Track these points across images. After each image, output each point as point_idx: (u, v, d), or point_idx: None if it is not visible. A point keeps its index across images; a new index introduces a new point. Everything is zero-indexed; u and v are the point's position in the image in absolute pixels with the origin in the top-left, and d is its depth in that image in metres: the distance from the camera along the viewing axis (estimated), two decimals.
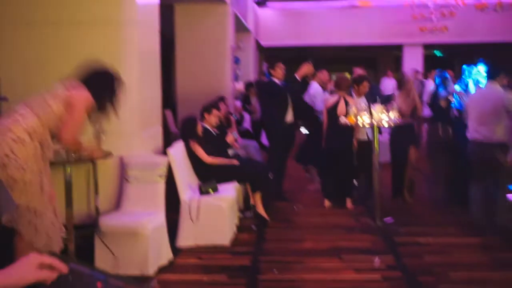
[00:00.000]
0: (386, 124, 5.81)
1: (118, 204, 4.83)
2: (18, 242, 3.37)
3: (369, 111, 5.86)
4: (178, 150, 5.44)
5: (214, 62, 9.36)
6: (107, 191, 4.89)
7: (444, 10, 15.88)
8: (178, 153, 5.42)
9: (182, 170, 5.35)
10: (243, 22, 12.02)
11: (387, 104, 6.12)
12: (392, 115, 5.85)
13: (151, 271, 4.34)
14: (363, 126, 6.01)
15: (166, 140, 6.04)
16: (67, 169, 4.28)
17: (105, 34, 4.83)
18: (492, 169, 5.48)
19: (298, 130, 7.83)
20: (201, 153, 5.65)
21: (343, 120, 6.13)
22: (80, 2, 4.90)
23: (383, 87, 14.90)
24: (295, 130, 7.51)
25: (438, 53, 20.76)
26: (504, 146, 5.28)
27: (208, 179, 5.48)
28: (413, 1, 15.07)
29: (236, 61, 12.63)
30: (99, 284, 1.32)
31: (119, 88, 3.73)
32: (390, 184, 6.93)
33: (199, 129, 5.74)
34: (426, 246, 5.10)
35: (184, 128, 5.80)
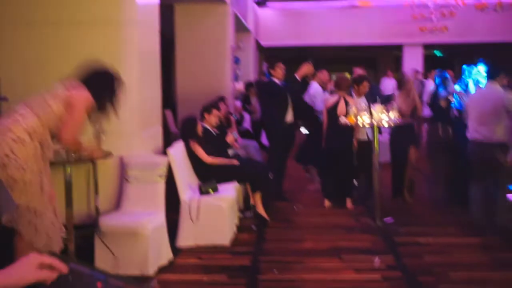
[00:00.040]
0: (386, 124, 5.82)
1: (118, 204, 4.83)
2: (18, 242, 3.37)
3: (369, 111, 5.86)
4: (178, 150, 5.44)
5: (214, 62, 9.35)
6: (107, 191, 4.89)
7: (444, 10, 15.88)
8: (178, 153, 5.42)
9: (182, 170, 5.35)
10: (243, 22, 12.02)
11: (387, 104, 6.12)
12: (392, 115, 5.85)
13: (151, 271, 4.34)
14: (363, 126, 6.02)
15: (166, 140, 6.04)
16: (67, 169, 4.28)
17: (105, 34, 4.83)
18: (492, 169, 5.48)
19: (298, 130, 7.82)
20: (201, 153, 5.65)
21: (343, 120, 6.13)
22: (80, 2, 4.90)
23: (383, 87, 14.89)
24: (295, 130, 7.51)
25: (438, 53, 20.76)
26: (504, 146, 5.28)
27: (208, 179, 5.48)
28: (413, 1, 15.06)
29: (236, 61, 12.63)
30: (99, 284, 1.32)
31: (119, 88, 3.73)
32: (390, 184, 6.93)
33: (199, 129, 5.74)
34: (426, 246, 5.10)
35: (184, 128, 5.80)
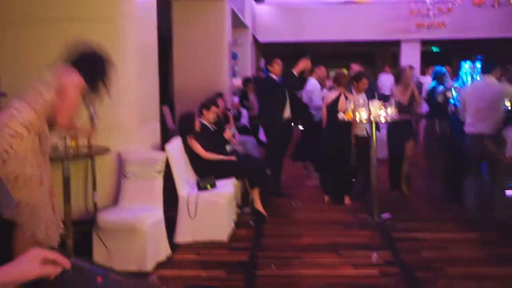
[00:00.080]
0: (383, 119, 5.83)
1: (116, 200, 4.83)
2: (18, 235, 3.37)
3: (367, 108, 5.86)
4: (176, 146, 5.44)
5: (211, 58, 9.33)
6: (105, 187, 4.89)
7: (441, 6, 15.89)
8: (176, 149, 5.41)
9: (180, 166, 5.35)
10: (240, 18, 12.00)
11: (385, 102, 6.12)
12: (390, 111, 5.86)
13: (149, 267, 4.35)
14: (361, 122, 6.02)
15: (164, 136, 6.04)
16: (65, 165, 4.27)
17: (103, 30, 4.81)
18: (489, 163, 5.51)
19: (296, 126, 7.81)
20: (199, 149, 5.65)
21: (341, 116, 6.14)
22: None
23: (380, 83, 14.91)
24: (293, 126, 7.50)
25: (435, 49, 20.77)
26: (497, 138, 5.29)
27: (206, 175, 5.48)
28: None
29: (234, 57, 12.61)
30: (99, 279, 1.33)
31: (110, 68, 3.68)
32: (387, 180, 6.95)
33: (196, 125, 5.74)
34: (424, 242, 5.11)
35: (182, 124, 5.80)
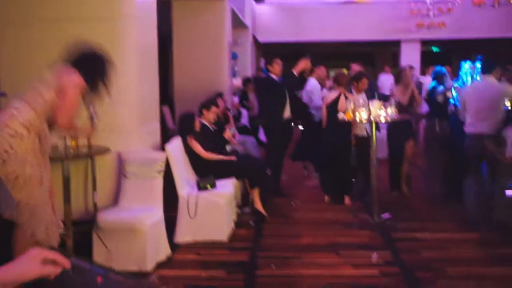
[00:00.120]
0: (383, 119, 5.82)
1: (116, 200, 4.83)
2: (18, 235, 3.37)
3: (367, 108, 5.86)
4: (176, 146, 5.44)
5: (211, 58, 9.33)
6: (105, 187, 4.89)
7: (441, 6, 15.89)
8: (176, 149, 5.41)
9: (180, 166, 5.35)
10: (240, 18, 12.00)
11: (385, 102, 6.12)
12: (390, 111, 5.86)
13: (149, 267, 4.35)
14: (360, 122, 6.02)
15: (164, 136, 6.04)
16: (65, 165, 4.27)
17: (103, 30, 4.81)
18: (489, 163, 5.50)
19: (296, 126, 7.81)
20: (199, 149, 5.65)
21: (341, 116, 6.14)
22: None
23: (380, 83, 14.91)
24: (293, 126, 7.50)
25: (435, 49, 20.77)
26: (497, 138, 5.29)
27: (206, 175, 5.48)
28: None
29: (234, 57, 12.61)
30: (99, 279, 1.33)
31: (109, 67, 3.67)
32: (387, 180, 6.95)
33: (196, 125, 5.73)
34: (424, 242, 5.11)
35: (182, 124, 5.79)
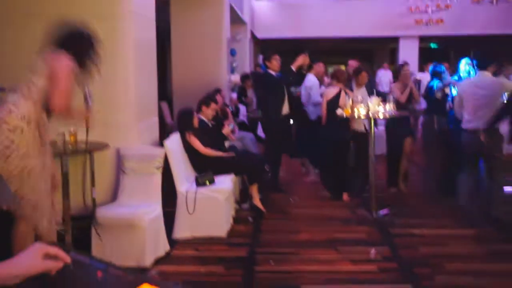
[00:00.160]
0: (381, 115, 5.83)
1: (114, 196, 4.83)
2: (18, 229, 3.38)
3: (366, 104, 5.87)
4: (174, 142, 5.44)
5: (209, 54, 9.33)
6: (104, 183, 4.89)
7: (440, 3, 15.90)
8: (175, 145, 5.41)
9: (178, 162, 5.35)
10: (238, 14, 12.00)
11: (384, 99, 6.12)
12: (388, 107, 5.86)
13: (148, 262, 4.35)
14: (359, 118, 6.02)
15: (162, 132, 6.04)
16: (64, 160, 4.27)
17: (101, 26, 4.76)
18: (486, 160, 5.52)
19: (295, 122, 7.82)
20: (197, 145, 5.65)
21: (340, 112, 6.14)
22: None
23: (378, 79, 14.93)
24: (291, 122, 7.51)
25: (434, 45, 20.78)
26: (491, 131, 5.29)
27: (204, 171, 5.48)
28: None
29: (232, 53, 12.61)
30: (99, 273, 1.33)
31: (97, 43, 3.65)
32: (385, 176, 6.96)
33: (195, 121, 5.73)
34: (422, 238, 5.12)
35: (180, 120, 5.78)
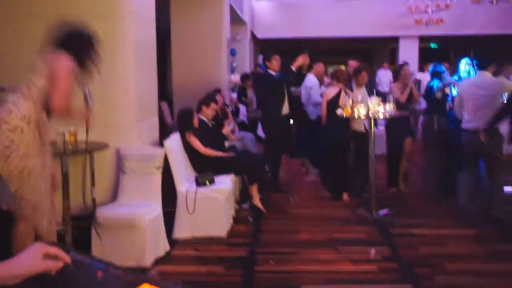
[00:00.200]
0: (381, 115, 5.83)
1: (114, 196, 4.83)
2: (18, 229, 3.38)
3: (366, 104, 5.87)
4: (174, 142, 5.44)
5: (209, 54, 9.33)
6: (104, 183, 4.89)
7: (440, 3, 15.90)
8: (175, 145, 5.41)
9: (178, 162, 5.35)
10: (239, 14, 12.00)
11: (384, 99, 6.12)
12: (388, 107, 5.86)
13: (148, 262, 4.35)
14: (359, 118, 6.02)
15: (162, 132, 6.04)
16: (64, 160, 4.27)
17: (101, 26, 4.77)
18: (486, 160, 5.51)
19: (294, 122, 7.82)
20: (197, 145, 5.65)
21: (339, 112, 6.14)
22: None
23: (378, 79, 14.93)
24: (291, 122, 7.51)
25: (434, 45, 20.78)
26: (491, 130, 5.29)
27: (204, 171, 5.48)
28: None
29: (232, 53, 12.61)
30: (99, 273, 1.33)
31: (96, 43, 3.64)
32: (385, 176, 6.96)
33: (195, 121, 5.73)
34: (422, 238, 5.12)
35: (180, 120, 5.78)
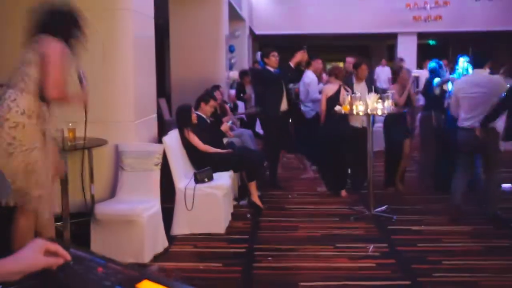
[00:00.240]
0: (380, 112, 5.82)
1: (113, 192, 4.84)
2: (19, 223, 3.39)
3: (364, 100, 5.86)
4: (173, 139, 5.44)
5: (208, 50, 9.33)
6: (103, 179, 4.90)
7: None
8: (173, 141, 5.41)
9: (177, 158, 5.35)
10: (237, 10, 11.98)
11: (382, 96, 6.12)
12: (387, 104, 5.85)
13: (147, 259, 4.36)
14: (357, 114, 6.02)
15: (161, 129, 6.04)
16: (63, 157, 4.27)
17: (100, 23, 4.80)
18: (483, 156, 5.52)
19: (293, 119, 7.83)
20: (196, 141, 5.65)
21: (338, 108, 6.14)
22: None
23: (376, 75, 14.93)
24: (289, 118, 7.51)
25: (432, 42, 20.78)
26: (487, 128, 5.30)
27: (203, 168, 5.48)
28: None
29: (231, 49, 12.60)
30: (99, 269, 1.33)
31: (80, 20, 3.59)
32: (383, 173, 6.96)
33: (193, 117, 5.73)
34: (420, 234, 5.14)
35: (179, 116, 5.78)
